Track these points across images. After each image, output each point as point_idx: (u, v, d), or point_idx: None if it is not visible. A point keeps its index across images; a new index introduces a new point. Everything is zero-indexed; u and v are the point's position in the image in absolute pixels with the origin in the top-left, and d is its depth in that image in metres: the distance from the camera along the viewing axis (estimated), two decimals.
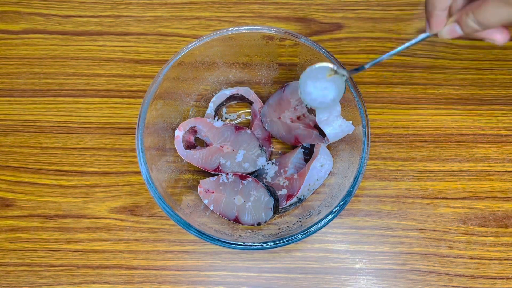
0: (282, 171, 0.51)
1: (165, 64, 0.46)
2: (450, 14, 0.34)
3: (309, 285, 0.51)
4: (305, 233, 0.42)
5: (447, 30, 0.34)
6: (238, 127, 0.51)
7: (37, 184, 0.54)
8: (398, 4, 0.59)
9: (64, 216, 0.53)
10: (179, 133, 0.51)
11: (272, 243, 0.42)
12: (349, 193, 0.43)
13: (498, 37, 0.33)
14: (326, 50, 0.45)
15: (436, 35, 0.35)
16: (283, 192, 0.50)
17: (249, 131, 0.51)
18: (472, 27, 0.32)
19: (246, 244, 0.42)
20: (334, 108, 0.46)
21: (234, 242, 0.42)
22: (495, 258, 0.51)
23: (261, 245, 0.42)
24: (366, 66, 0.39)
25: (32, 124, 0.56)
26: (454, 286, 0.50)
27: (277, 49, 0.49)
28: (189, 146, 0.52)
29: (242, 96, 0.54)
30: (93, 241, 0.52)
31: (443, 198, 0.52)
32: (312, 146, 0.51)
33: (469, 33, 0.33)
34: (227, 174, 0.50)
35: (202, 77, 0.52)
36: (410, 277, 0.50)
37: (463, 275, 0.50)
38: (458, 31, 0.33)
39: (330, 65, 0.41)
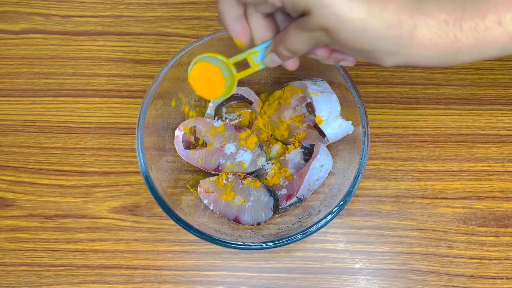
0: (282, 171, 0.51)
1: (165, 64, 0.46)
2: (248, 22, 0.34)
3: (309, 285, 0.51)
4: (305, 233, 0.42)
5: (268, 59, 0.35)
6: (238, 127, 0.51)
7: (37, 184, 0.54)
8: None
9: (64, 216, 0.53)
10: (179, 133, 0.51)
11: (272, 243, 0.42)
12: (349, 193, 0.43)
13: (289, 66, 0.35)
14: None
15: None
16: (283, 192, 0.50)
17: (249, 131, 0.51)
18: (285, 54, 0.33)
19: (246, 244, 0.42)
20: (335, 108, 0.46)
21: (234, 242, 0.42)
22: (495, 258, 0.51)
23: (261, 245, 0.42)
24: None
25: (32, 124, 0.56)
26: (454, 286, 0.50)
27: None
28: (189, 146, 0.52)
29: (242, 96, 0.54)
30: (93, 241, 0.52)
31: (443, 198, 0.52)
32: (312, 146, 0.51)
33: (285, 60, 0.34)
34: (227, 174, 0.50)
35: None
36: (409, 277, 0.50)
37: (463, 275, 0.50)
38: (277, 60, 0.34)
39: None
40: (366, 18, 0.28)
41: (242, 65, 0.37)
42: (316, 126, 0.49)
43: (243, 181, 0.49)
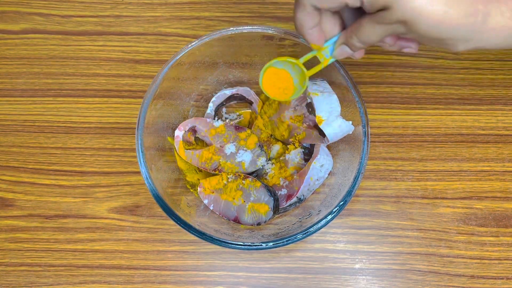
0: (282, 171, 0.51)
1: (165, 64, 0.46)
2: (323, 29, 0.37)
3: (309, 285, 0.51)
4: (305, 233, 0.42)
5: (338, 52, 0.37)
6: (238, 127, 0.51)
7: (37, 184, 0.54)
8: None
9: (64, 216, 0.53)
10: (179, 133, 0.51)
11: (272, 243, 0.42)
12: (349, 193, 0.43)
13: (357, 55, 0.38)
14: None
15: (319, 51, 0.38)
16: (283, 192, 0.50)
17: (249, 131, 0.51)
18: (358, 45, 0.36)
19: (246, 244, 0.42)
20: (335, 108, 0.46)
21: (234, 242, 0.42)
22: (495, 258, 0.51)
23: (261, 245, 0.42)
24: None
25: (32, 124, 0.56)
26: (454, 286, 0.50)
27: (277, 49, 0.49)
28: (189, 146, 0.52)
29: (242, 96, 0.54)
30: (93, 241, 0.52)
31: (443, 198, 0.52)
32: (312, 146, 0.51)
33: (356, 50, 0.37)
34: (227, 174, 0.50)
35: (202, 77, 0.52)
36: (410, 277, 0.50)
37: (463, 275, 0.50)
38: (348, 51, 0.37)
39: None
40: (445, 9, 0.30)
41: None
42: (316, 126, 0.49)
43: (243, 181, 0.49)
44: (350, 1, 0.32)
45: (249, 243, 0.42)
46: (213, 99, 0.54)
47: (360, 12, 0.34)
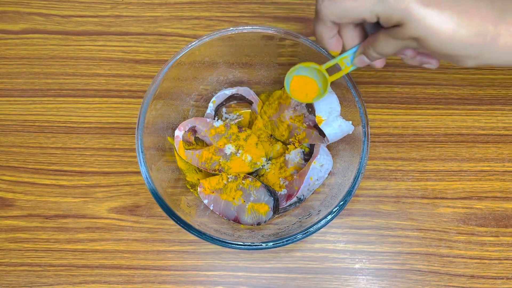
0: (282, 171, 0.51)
1: (165, 64, 0.46)
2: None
3: (309, 285, 0.51)
4: (305, 233, 0.42)
5: (357, 60, 0.40)
6: (238, 127, 0.51)
7: (37, 184, 0.54)
8: None
9: (64, 216, 0.53)
10: (179, 133, 0.51)
11: (272, 243, 0.42)
12: (349, 193, 0.43)
13: (377, 65, 0.40)
14: (325, 50, 0.45)
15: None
16: (283, 192, 0.50)
17: (249, 131, 0.51)
18: (374, 56, 0.38)
19: (246, 244, 0.42)
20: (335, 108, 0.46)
21: (234, 242, 0.42)
22: (495, 258, 0.51)
23: (261, 245, 0.42)
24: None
25: (32, 124, 0.56)
26: (454, 286, 0.50)
27: (277, 49, 0.49)
28: (189, 146, 0.52)
29: (242, 96, 0.54)
30: (93, 241, 0.52)
31: (443, 198, 0.52)
32: (312, 146, 0.51)
33: (374, 60, 0.39)
34: (227, 174, 0.50)
35: (202, 77, 0.52)
36: (410, 277, 0.50)
37: (463, 275, 0.50)
38: (366, 60, 0.39)
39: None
40: (455, 28, 0.32)
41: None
42: (316, 126, 0.49)
43: (243, 181, 0.49)
44: (367, 17, 0.34)
45: (249, 243, 0.42)
46: (213, 99, 0.54)
47: (380, 25, 0.36)
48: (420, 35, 0.33)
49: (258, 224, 0.47)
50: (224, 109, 0.55)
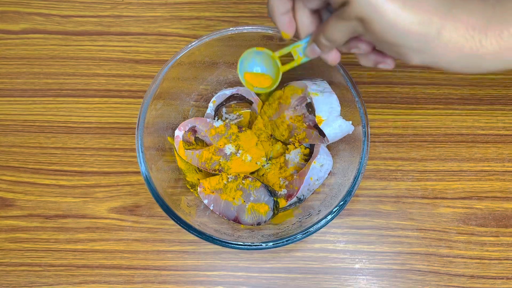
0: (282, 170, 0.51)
1: (165, 64, 0.46)
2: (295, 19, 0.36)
3: (309, 285, 0.51)
4: (305, 233, 0.42)
5: (309, 50, 0.37)
6: (238, 127, 0.51)
7: (37, 184, 0.54)
8: None
9: (64, 216, 0.53)
10: (179, 133, 0.51)
11: (272, 243, 0.42)
12: (349, 193, 0.43)
13: (330, 58, 0.37)
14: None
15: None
16: (283, 192, 0.50)
17: (249, 131, 0.51)
18: (325, 44, 0.35)
19: (246, 244, 0.42)
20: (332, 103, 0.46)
21: (234, 242, 0.42)
22: (495, 258, 0.51)
23: (261, 245, 0.42)
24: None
25: (32, 124, 0.56)
26: (454, 286, 0.50)
27: (277, 49, 0.49)
28: (189, 146, 0.52)
29: (242, 96, 0.54)
30: (93, 241, 0.52)
31: (443, 198, 0.52)
32: (312, 146, 0.51)
33: (324, 50, 0.36)
34: (227, 174, 0.50)
35: (202, 77, 0.52)
36: (410, 277, 0.50)
37: (463, 275, 0.50)
38: (317, 50, 0.36)
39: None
40: (399, 11, 0.30)
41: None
42: (316, 126, 0.49)
43: (243, 181, 0.49)
44: None
45: (249, 243, 0.42)
46: (213, 99, 0.54)
47: None
48: (365, 15, 0.31)
49: (258, 224, 0.47)
50: (224, 109, 0.55)
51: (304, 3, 0.35)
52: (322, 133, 0.47)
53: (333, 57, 0.37)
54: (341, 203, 0.43)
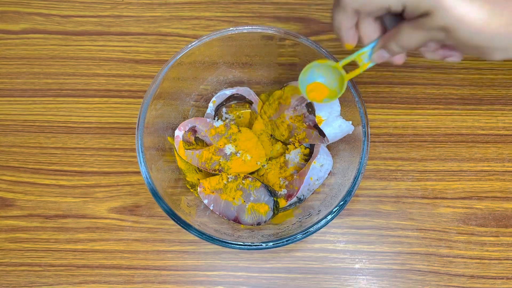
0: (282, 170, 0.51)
1: (165, 64, 0.46)
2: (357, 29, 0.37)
3: (309, 285, 0.51)
4: (305, 233, 0.42)
5: (376, 56, 0.38)
6: (238, 127, 0.51)
7: (37, 184, 0.54)
8: None
9: (64, 216, 0.53)
10: (179, 133, 0.51)
11: (272, 243, 0.42)
12: (349, 193, 0.43)
13: (397, 61, 0.38)
14: (326, 50, 0.45)
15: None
16: (283, 192, 0.50)
17: (249, 131, 0.51)
18: (396, 50, 0.36)
19: (246, 244, 0.42)
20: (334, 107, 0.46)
21: (234, 242, 0.42)
22: (495, 258, 0.51)
23: (261, 245, 0.42)
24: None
25: (32, 124, 0.56)
26: (454, 286, 0.50)
27: (277, 49, 0.49)
28: (189, 146, 0.52)
29: (242, 96, 0.54)
30: (93, 241, 0.52)
31: (443, 198, 0.52)
32: (312, 146, 0.51)
33: (395, 55, 0.37)
34: (227, 174, 0.50)
35: (202, 77, 0.52)
36: (410, 277, 0.50)
37: (463, 275, 0.50)
38: (385, 55, 0.37)
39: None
40: (486, 18, 0.31)
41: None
42: (316, 126, 0.49)
43: (243, 181, 0.49)
44: (393, 5, 0.32)
45: (249, 243, 0.42)
46: (213, 99, 0.54)
47: (401, 19, 0.35)
48: (449, 25, 0.31)
49: (258, 224, 0.47)
50: (224, 109, 0.55)
51: (368, 13, 0.35)
52: (322, 133, 0.47)
53: (400, 59, 0.38)
54: (341, 203, 0.43)
